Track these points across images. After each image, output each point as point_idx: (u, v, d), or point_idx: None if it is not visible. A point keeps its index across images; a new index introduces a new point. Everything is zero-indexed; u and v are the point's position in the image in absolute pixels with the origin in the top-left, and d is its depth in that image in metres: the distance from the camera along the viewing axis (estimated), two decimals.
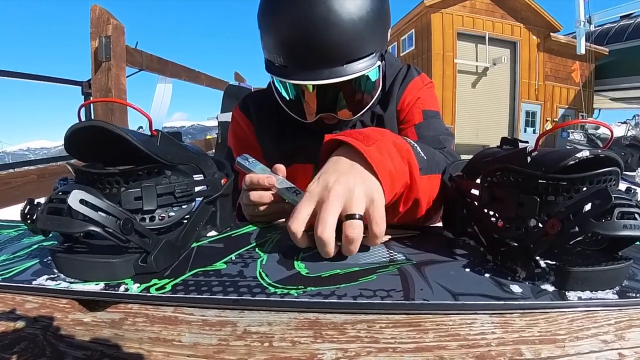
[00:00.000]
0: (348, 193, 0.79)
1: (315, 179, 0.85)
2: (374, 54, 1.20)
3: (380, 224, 0.79)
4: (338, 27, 1.11)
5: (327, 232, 0.75)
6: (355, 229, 0.76)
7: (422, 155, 0.99)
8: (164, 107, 5.86)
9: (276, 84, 1.30)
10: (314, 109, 1.27)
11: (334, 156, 0.90)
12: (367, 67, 1.18)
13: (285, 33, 1.16)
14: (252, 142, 1.56)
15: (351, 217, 0.76)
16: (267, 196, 1.05)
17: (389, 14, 1.28)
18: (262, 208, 1.05)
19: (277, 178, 1.05)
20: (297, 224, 0.79)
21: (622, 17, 24.90)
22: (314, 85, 1.19)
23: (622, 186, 0.74)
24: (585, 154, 0.68)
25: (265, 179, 1.04)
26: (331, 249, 0.77)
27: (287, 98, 1.30)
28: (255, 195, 1.04)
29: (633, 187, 0.76)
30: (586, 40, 21.87)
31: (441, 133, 1.44)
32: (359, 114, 1.32)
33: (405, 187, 0.93)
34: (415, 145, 1.01)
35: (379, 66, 1.25)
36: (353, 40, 1.14)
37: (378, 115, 1.47)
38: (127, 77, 4.18)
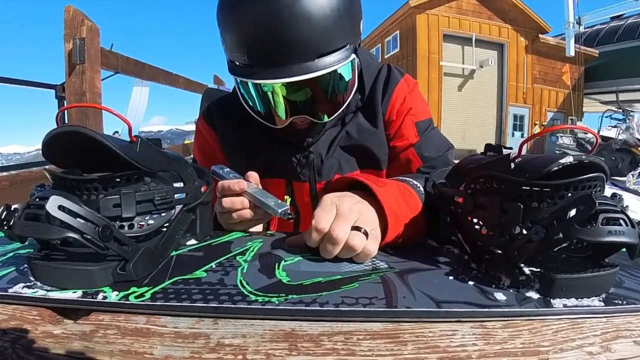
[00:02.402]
0: (361, 216, 0.85)
1: (334, 195, 0.89)
2: (347, 46, 1.11)
3: (367, 255, 0.83)
4: (307, 16, 1.02)
5: (342, 234, 0.79)
6: (358, 238, 0.80)
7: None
8: (140, 111, 5.77)
9: (241, 87, 1.19)
10: (285, 112, 1.17)
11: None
12: (341, 60, 1.09)
13: (249, 27, 1.06)
14: (218, 155, 1.48)
15: (357, 229, 0.81)
16: (239, 202, 1.03)
17: (360, 4, 1.20)
18: (235, 215, 1.03)
19: (249, 184, 1.05)
20: (325, 223, 0.81)
21: (613, 19, 24.96)
22: (284, 84, 1.10)
23: (609, 192, 0.74)
24: (569, 160, 0.68)
25: (236, 184, 1.02)
26: (338, 250, 0.80)
27: (254, 102, 1.19)
28: (227, 202, 1.03)
29: (619, 192, 0.76)
30: (576, 42, 21.86)
31: (443, 148, 1.41)
32: (335, 115, 1.22)
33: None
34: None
35: (353, 60, 1.15)
36: (324, 30, 1.05)
37: (367, 129, 1.38)
38: (102, 80, 4.10)
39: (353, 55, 1.14)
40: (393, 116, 1.40)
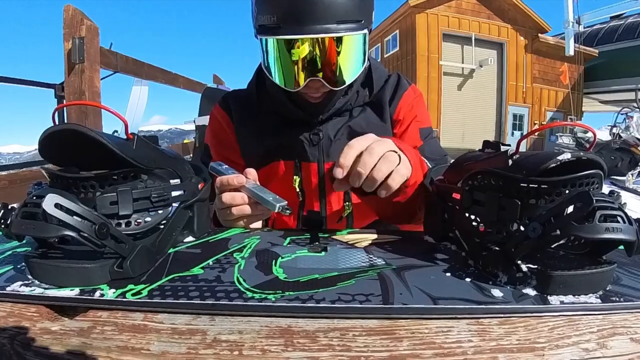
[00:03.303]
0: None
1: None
2: (363, 22, 1.21)
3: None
4: None
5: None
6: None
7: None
8: (139, 111, 5.73)
9: (265, 49, 1.27)
10: (303, 73, 1.24)
11: None
12: (357, 29, 1.19)
13: None
14: (232, 141, 1.54)
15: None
16: (239, 197, 1.04)
17: None
18: (235, 211, 1.05)
19: (247, 180, 1.06)
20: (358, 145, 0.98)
21: (612, 18, 24.79)
22: (305, 44, 1.19)
23: (606, 189, 0.74)
24: (566, 156, 0.68)
25: (235, 178, 1.05)
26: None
27: (275, 64, 1.26)
28: (227, 197, 1.04)
29: (617, 190, 0.76)
30: (575, 42, 21.65)
31: (442, 153, 1.51)
32: (345, 85, 1.29)
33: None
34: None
35: (366, 35, 1.25)
36: (345, 0, 1.16)
37: (375, 123, 1.47)
38: (102, 79, 4.07)
39: (366, 31, 1.23)
40: (400, 116, 1.49)
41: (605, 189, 0.75)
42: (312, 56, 1.20)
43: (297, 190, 1.36)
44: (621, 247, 0.70)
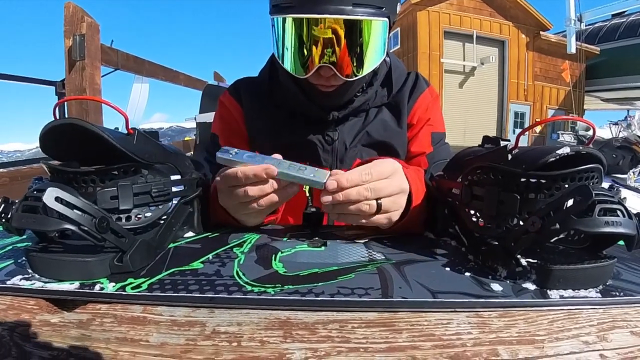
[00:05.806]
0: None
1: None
2: (383, 10, 1.12)
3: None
4: None
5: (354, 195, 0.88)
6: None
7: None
8: (140, 108, 5.73)
9: (277, 29, 1.17)
10: (313, 58, 1.15)
11: None
12: (374, 15, 1.10)
13: None
14: (241, 128, 1.45)
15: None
16: (268, 187, 0.90)
17: None
18: (264, 202, 0.92)
19: (273, 161, 0.92)
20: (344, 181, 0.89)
21: (614, 16, 24.62)
22: (316, 26, 1.11)
23: (606, 185, 0.74)
24: (565, 150, 0.68)
25: (263, 171, 0.88)
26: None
27: (285, 47, 1.18)
28: (255, 191, 0.90)
29: (617, 185, 0.76)
30: (577, 39, 21.51)
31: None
32: (359, 76, 1.19)
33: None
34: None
35: (385, 25, 1.15)
36: None
37: (392, 128, 1.41)
38: (102, 76, 4.10)
39: (386, 20, 1.15)
40: (414, 120, 1.44)
41: (606, 184, 0.75)
42: (323, 40, 1.13)
43: (307, 195, 1.27)
44: (621, 242, 0.70)
